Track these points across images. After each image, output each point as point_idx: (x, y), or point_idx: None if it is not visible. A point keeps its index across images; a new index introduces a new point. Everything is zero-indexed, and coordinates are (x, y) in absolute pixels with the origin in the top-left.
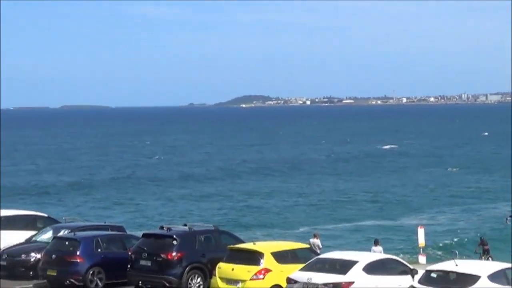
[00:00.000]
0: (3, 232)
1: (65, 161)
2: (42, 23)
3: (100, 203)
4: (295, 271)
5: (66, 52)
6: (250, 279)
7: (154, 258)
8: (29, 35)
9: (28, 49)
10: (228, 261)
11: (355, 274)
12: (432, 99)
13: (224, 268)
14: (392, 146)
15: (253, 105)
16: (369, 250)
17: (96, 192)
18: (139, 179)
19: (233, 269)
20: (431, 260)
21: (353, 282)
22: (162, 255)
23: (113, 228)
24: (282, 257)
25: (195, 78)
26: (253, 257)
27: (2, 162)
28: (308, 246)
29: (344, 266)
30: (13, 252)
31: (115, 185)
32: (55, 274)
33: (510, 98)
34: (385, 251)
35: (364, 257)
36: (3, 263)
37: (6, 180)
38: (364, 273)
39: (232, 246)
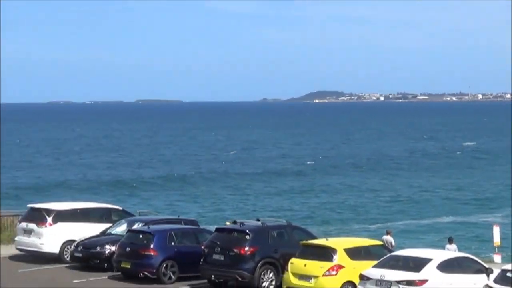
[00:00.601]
0: (80, 224)
1: (144, 155)
2: (119, 18)
3: (175, 197)
4: (368, 268)
5: (141, 46)
6: (323, 275)
7: (227, 252)
8: (105, 28)
9: (105, 43)
10: (301, 256)
11: (429, 272)
12: (508, 95)
13: (296, 263)
14: (469, 143)
15: (326, 100)
16: (443, 248)
17: (172, 186)
18: (215, 173)
19: (305, 265)
20: (506, 259)
21: (427, 280)
22: (235, 250)
23: (186, 222)
24: (355, 253)
25: (268, 73)
26: (326, 253)
27: (85, 155)
28: (381, 243)
29: (418, 264)
30: (88, 244)
31: (191, 179)
32: (129, 266)
33: None
34: (460, 249)
35: (438, 255)
36: (79, 254)
37: (89, 173)
38: (438, 271)
39: (305, 241)
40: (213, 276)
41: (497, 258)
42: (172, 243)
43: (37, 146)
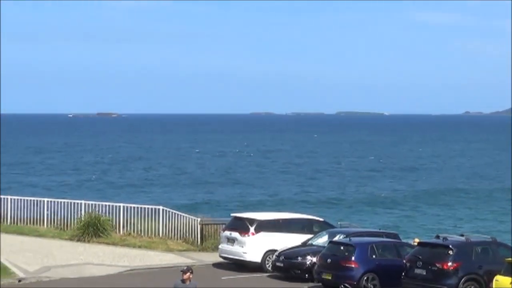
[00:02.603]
0: (281, 234)
1: (355, 169)
2: (319, 32)
3: (379, 211)
4: None
5: (342, 59)
6: None
7: (429, 267)
8: (301, 41)
9: (305, 55)
10: (507, 274)
11: None
12: None
13: (502, 281)
14: None
15: None
16: None
17: (374, 200)
18: (415, 187)
19: (511, 283)
20: None
21: None
22: (438, 265)
23: (387, 235)
24: None
25: (471, 85)
26: None
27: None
28: None
29: None
30: (290, 254)
31: (396, 194)
32: (330, 278)
33: None
34: None
35: None
36: (280, 264)
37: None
38: None
39: (510, 259)
40: None
41: None
42: (374, 256)
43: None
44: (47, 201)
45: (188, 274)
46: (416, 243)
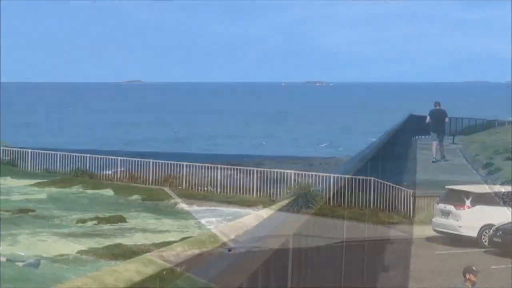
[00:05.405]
0: (499, 208)
1: None
2: None
3: None
4: None
5: None
6: None
7: None
8: None
9: None
10: None
11: None
12: None
13: None
14: None
15: None
16: None
17: None
18: None
19: None
20: None
21: None
22: None
23: None
24: None
25: None
26: None
27: None
28: None
29: None
30: (509, 230)
31: None
32: None
33: None
34: None
35: None
36: (498, 240)
37: None
38: None
39: None
40: None
41: None
42: None
43: None
44: (256, 170)
45: (476, 276)
46: None
